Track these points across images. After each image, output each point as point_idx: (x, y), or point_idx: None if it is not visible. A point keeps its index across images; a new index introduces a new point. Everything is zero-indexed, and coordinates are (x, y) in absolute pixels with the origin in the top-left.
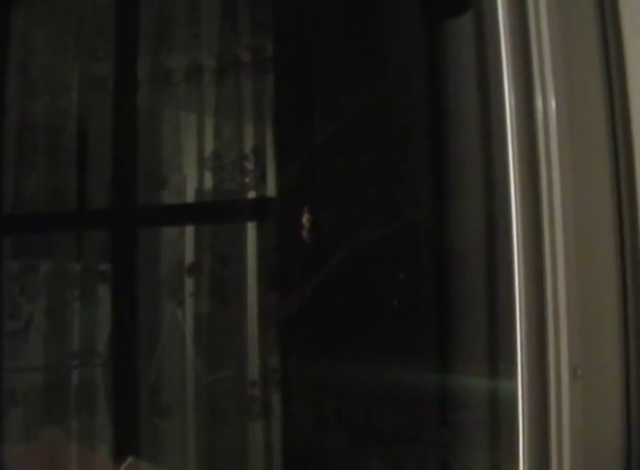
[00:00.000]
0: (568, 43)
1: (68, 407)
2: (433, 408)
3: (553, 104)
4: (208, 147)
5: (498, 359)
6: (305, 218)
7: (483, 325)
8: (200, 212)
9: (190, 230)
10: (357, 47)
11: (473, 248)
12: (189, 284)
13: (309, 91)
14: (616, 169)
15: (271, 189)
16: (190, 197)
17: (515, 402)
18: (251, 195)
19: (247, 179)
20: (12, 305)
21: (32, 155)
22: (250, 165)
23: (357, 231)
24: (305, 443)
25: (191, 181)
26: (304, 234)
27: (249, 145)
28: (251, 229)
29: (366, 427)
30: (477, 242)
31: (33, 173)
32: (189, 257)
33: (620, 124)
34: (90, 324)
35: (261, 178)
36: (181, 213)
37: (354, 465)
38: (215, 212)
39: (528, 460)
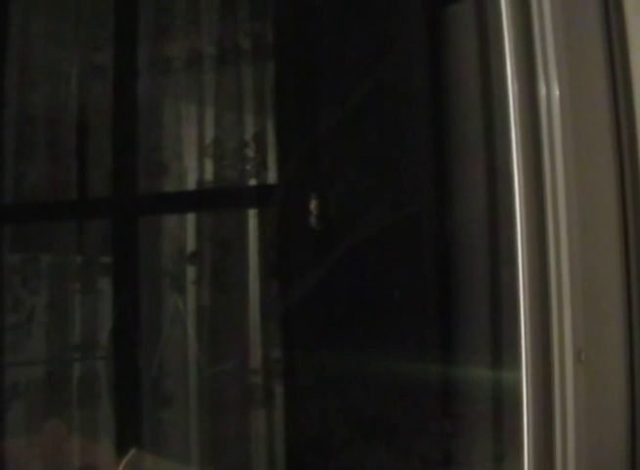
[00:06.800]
0: (570, 29)
1: (70, 400)
2: (438, 393)
3: (556, 91)
4: (209, 134)
5: (502, 343)
6: (307, 206)
7: (487, 310)
8: (201, 200)
9: (191, 218)
10: (358, 34)
11: (476, 233)
12: (190, 273)
13: (310, 78)
14: (619, 155)
15: (272, 176)
16: (191, 185)
17: (519, 387)
18: (253, 182)
19: (248, 167)
20: (13, 299)
21: (32, 145)
22: (251, 153)
23: (360, 220)
24: (307, 431)
25: (192, 169)
26: (306, 222)
27: (249, 132)
28: (252, 217)
29: (368, 417)
30: (480, 227)
31: (33, 164)
32: (190, 245)
33: (624, 109)
34: (92, 316)
35: (262, 165)
36: (182, 202)
37: (356, 454)
38: (216, 200)
39: (533, 444)
